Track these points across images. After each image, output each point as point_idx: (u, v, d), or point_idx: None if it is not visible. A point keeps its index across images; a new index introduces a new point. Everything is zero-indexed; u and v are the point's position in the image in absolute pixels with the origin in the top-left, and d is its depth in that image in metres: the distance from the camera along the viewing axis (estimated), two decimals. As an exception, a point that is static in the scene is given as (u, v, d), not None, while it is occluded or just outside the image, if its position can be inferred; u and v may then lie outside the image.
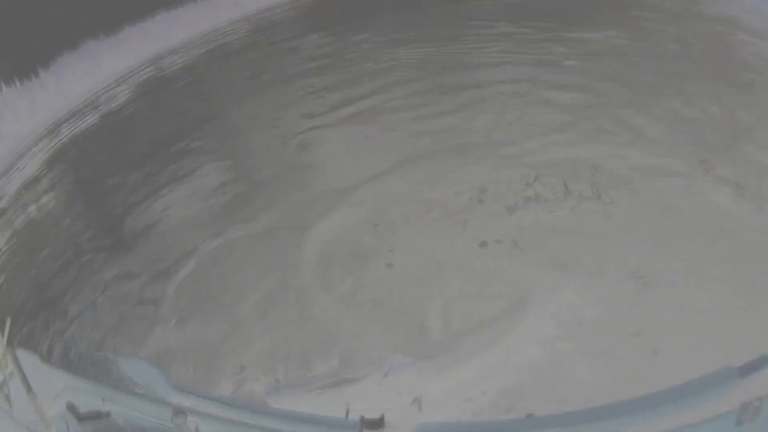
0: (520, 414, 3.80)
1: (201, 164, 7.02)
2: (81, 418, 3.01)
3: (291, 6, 10.54)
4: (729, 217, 5.36)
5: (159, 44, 9.51)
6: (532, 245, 5.47)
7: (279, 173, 6.77)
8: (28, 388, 3.04)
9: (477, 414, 3.89)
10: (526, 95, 7.52)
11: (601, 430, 2.76)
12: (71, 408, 2.98)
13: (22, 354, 3.06)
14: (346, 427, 2.83)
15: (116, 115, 8.19)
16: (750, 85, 7.12)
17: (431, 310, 4.89)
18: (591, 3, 9.42)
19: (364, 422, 2.84)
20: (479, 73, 8.07)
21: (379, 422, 2.85)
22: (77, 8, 8.97)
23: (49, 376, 2.99)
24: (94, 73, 8.80)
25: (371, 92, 7.95)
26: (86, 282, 5.34)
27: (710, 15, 8.83)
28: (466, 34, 8.99)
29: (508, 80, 7.82)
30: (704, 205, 5.56)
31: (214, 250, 5.78)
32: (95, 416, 2.99)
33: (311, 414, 2.85)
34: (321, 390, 4.06)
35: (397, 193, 6.24)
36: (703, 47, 8.00)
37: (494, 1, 9.86)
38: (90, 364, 3.45)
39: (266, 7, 10.50)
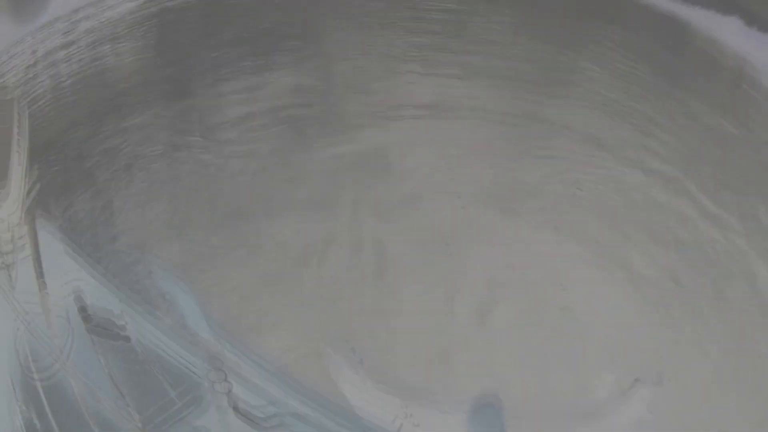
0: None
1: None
2: (91, 328, 2.45)
3: None
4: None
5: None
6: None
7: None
8: (39, 274, 2.45)
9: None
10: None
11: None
12: (83, 313, 2.42)
13: (42, 224, 2.47)
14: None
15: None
16: None
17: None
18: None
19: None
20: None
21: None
22: None
23: (65, 262, 2.41)
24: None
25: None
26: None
27: None
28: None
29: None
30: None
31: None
32: (110, 333, 2.44)
33: (375, 422, 2.35)
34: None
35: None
36: None
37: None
38: (119, 262, 2.78)
39: None
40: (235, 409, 2.23)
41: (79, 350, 2.35)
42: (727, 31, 3.03)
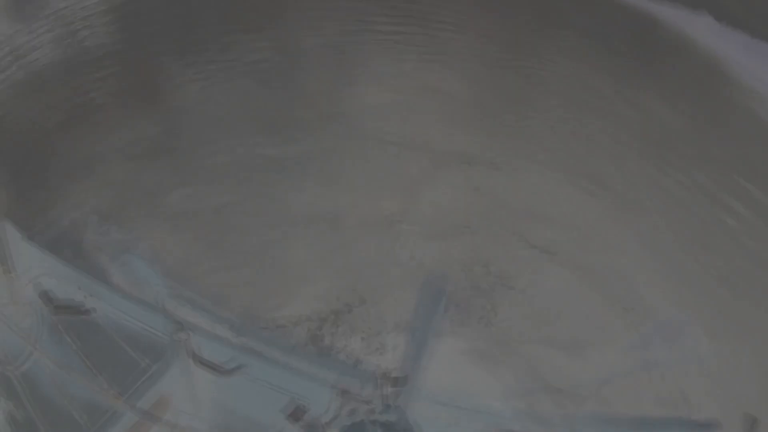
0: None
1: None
2: (55, 309, 2.60)
3: None
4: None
5: None
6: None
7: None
8: (7, 267, 2.61)
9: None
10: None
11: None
12: (44, 297, 2.56)
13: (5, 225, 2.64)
14: (360, 377, 2.46)
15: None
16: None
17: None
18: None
19: (387, 378, 2.47)
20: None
21: (402, 380, 2.48)
22: None
23: (28, 254, 2.57)
24: None
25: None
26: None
27: None
28: None
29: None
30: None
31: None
32: (72, 310, 2.58)
33: (327, 356, 2.47)
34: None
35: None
36: None
37: None
38: (78, 246, 2.94)
39: None
40: (196, 358, 2.34)
41: (49, 335, 2.48)
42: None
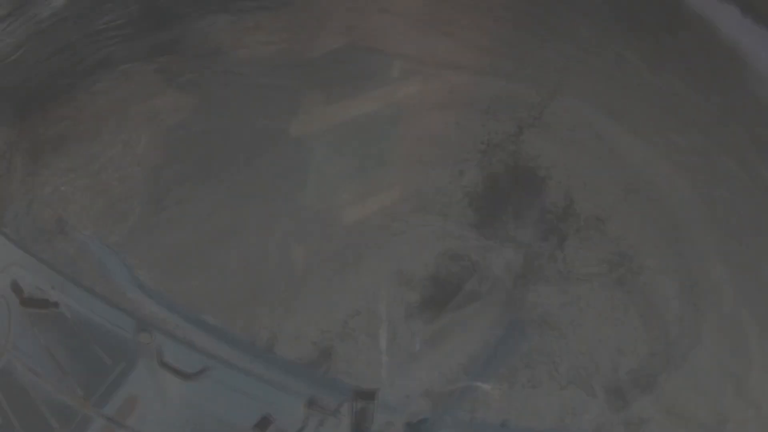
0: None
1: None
2: (24, 301, 2.54)
3: None
4: None
5: None
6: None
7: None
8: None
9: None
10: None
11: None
12: (15, 288, 2.51)
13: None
14: (333, 388, 2.33)
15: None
16: None
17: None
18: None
19: (359, 393, 2.33)
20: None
21: (371, 394, 2.32)
22: None
23: None
24: None
25: None
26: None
27: None
28: None
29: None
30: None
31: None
32: (40, 303, 2.52)
33: (300, 365, 2.35)
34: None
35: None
36: None
37: None
38: (46, 236, 2.90)
39: None
40: (159, 360, 2.25)
41: (20, 332, 2.42)
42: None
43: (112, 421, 2.24)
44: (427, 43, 3.25)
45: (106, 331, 2.39)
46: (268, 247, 2.88)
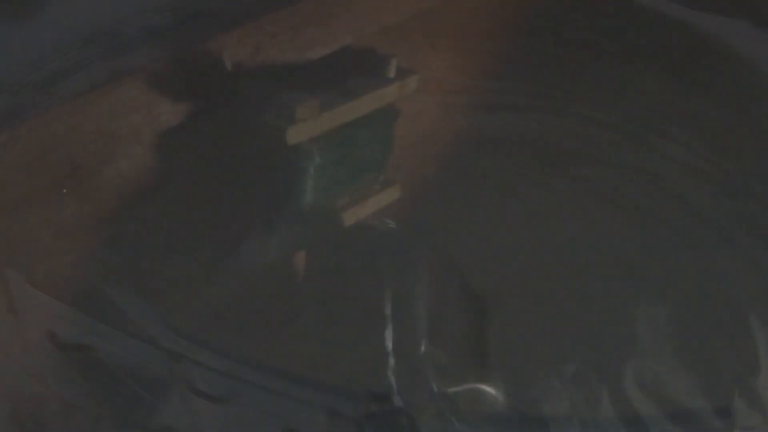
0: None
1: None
2: (61, 347, 2.71)
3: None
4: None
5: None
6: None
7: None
8: (13, 309, 2.74)
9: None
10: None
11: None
12: (51, 336, 2.68)
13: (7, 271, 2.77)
14: (352, 397, 2.43)
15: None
16: None
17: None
18: None
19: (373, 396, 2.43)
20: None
21: (385, 397, 2.42)
22: None
23: (31, 298, 2.69)
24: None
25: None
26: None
27: None
28: None
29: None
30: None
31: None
32: (77, 348, 2.68)
33: (318, 378, 2.45)
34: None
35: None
36: None
37: None
38: (80, 292, 3.04)
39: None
40: (191, 388, 2.38)
41: (57, 374, 2.58)
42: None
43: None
44: (427, 44, 3.28)
45: (142, 368, 2.52)
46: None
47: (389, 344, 2.63)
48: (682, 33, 3.21)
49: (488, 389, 2.66)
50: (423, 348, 2.67)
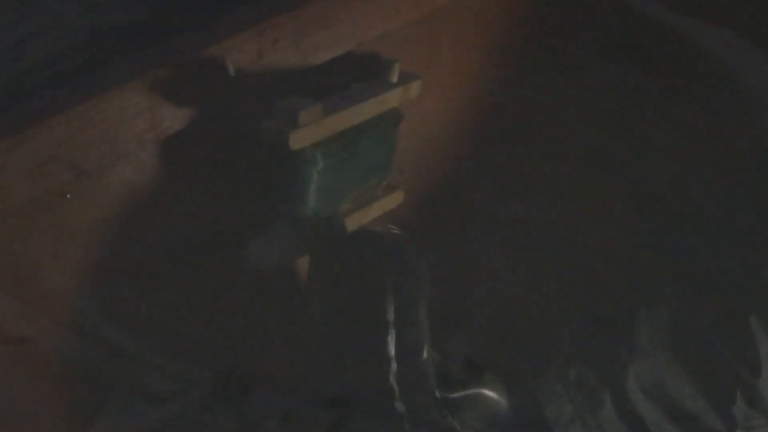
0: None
1: None
2: (2, 340, 2.59)
3: None
4: None
5: None
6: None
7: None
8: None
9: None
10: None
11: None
12: None
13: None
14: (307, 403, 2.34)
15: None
16: None
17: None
18: None
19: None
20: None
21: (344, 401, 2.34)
22: None
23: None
24: None
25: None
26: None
27: None
28: None
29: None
30: None
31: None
32: (18, 341, 2.57)
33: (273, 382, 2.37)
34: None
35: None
36: None
37: None
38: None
39: None
40: (136, 389, 2.26)
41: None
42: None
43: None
44: (430, 49, 3.26)
45: (80, 362, 2.36)
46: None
47: (392, 350, 2.60)
48: (672, 38, 3.22)
49: (490, 394, 2.63)
50: (425, 354, 2.64)
